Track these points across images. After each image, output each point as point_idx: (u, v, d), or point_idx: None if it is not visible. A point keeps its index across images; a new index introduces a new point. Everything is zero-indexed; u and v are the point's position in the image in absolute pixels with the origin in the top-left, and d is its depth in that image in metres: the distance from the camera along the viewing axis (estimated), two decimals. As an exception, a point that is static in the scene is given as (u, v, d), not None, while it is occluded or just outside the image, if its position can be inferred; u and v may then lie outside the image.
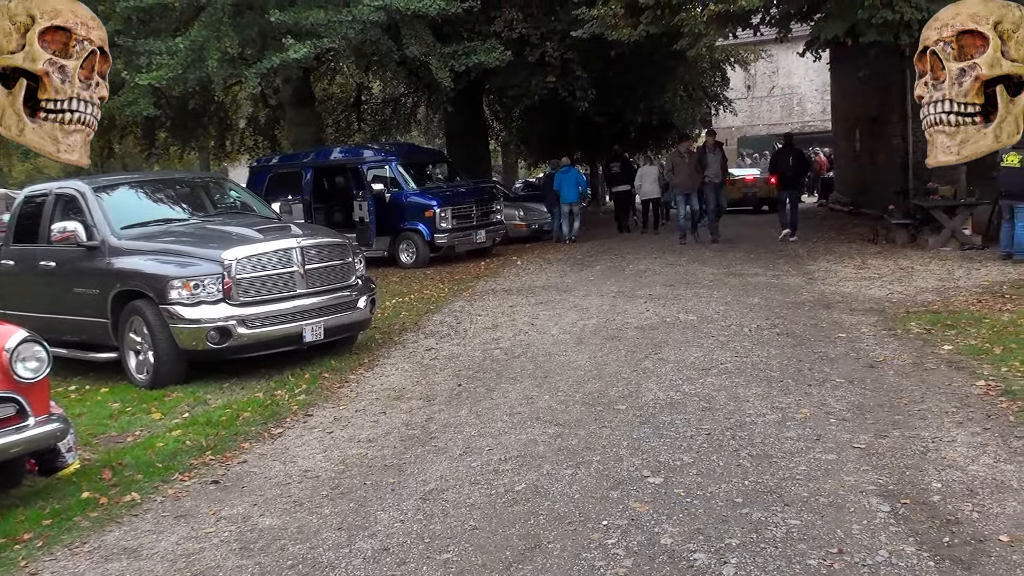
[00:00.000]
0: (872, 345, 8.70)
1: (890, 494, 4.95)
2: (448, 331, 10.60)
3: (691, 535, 4.56)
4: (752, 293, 11.98)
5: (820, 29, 15.50)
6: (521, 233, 21.00)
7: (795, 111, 42.71)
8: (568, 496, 5.23)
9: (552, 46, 19.55)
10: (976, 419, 6.24)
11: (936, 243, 15.67)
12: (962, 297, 11.07)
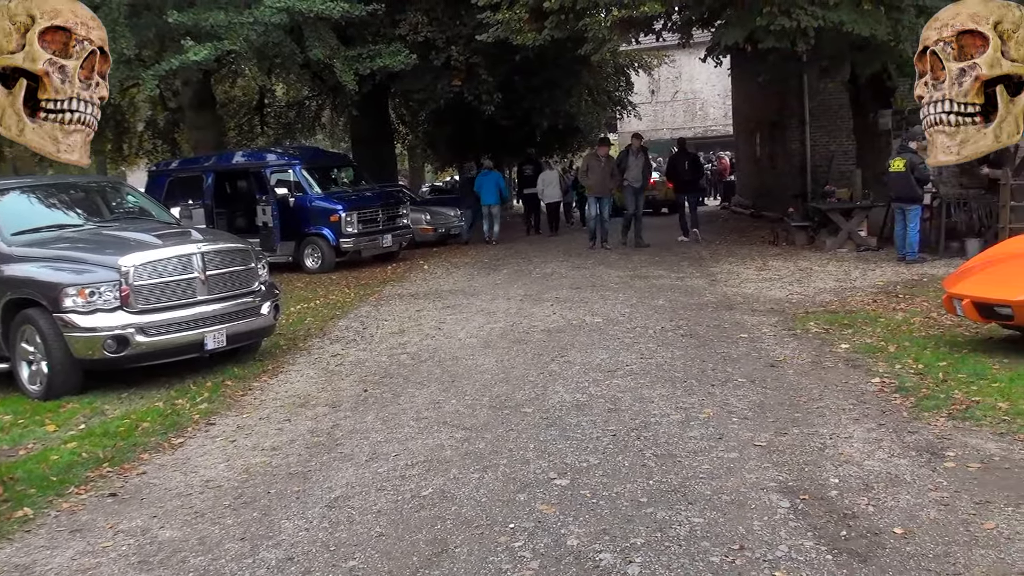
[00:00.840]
0: (773, 345, 8.89)
1: (790, 490, 5.06)
2: (354, 336, 10.50)
3: (597, 535, 4.59)
4: (657, 295, 12.14)
5: (720, 35, 15.79)
6: (428, 237, 20.94)
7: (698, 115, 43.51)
8: (475, 500, 5.22)
9: (457, 50, 19.56)
10: (872, 415, 6.42)
11: (833, 245, 16.10)
12: (858, 297, 11.39)
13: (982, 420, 6.15)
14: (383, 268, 17.28)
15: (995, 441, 5.73)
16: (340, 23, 17.53)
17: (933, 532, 4.41)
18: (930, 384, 7.15)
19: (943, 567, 4.04)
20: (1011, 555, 4.12)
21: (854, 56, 15.56)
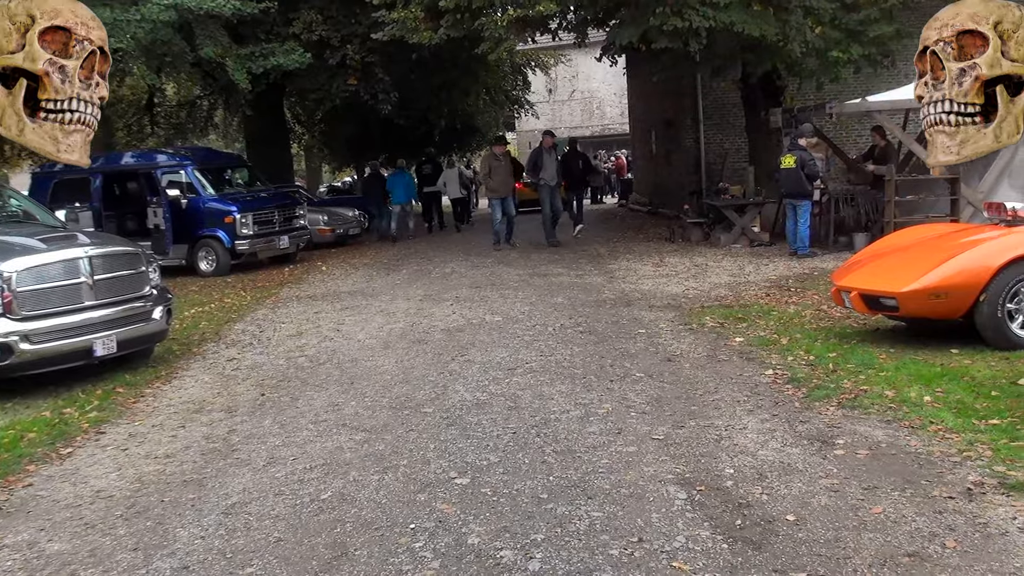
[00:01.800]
0: (670, 340, 9.02)
1: (687, 482, 5.14)
2: (251, 340, 10.31)
3: (498, 533, 4.59)
4: (556, 293, 12.22)
5: (615, 35, 15.97)
6: (326, 238, 20.70)
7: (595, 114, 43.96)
8: (375, 502, 5.17)
9: (353, 49, 19.38)
10: (765, 406, 6.57)
11: (728, 240, 16.44)
12: (752, 291, 11.65)
13: (870, 408, 6.35)
14: (280, 270, 17.02)
15: (882, 428, 5.91)
16: (232, 21, 17.21)
17: (824, 518, 4.52)
18: (821, 375, 7.35)
19: (833, 552, 4.14)
20: (897, 538, 4.25)
21: (745, 56, 15.90)
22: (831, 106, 15.77)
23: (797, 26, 14.74)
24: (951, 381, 6.87)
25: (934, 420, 5.95)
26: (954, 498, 4.67)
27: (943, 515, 4.47)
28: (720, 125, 21.22)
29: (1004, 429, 5.66)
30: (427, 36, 16.31)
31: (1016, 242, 8.03)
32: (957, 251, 8.14)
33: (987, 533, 4.24)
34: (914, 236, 9.45)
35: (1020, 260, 7.81)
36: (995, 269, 7.76)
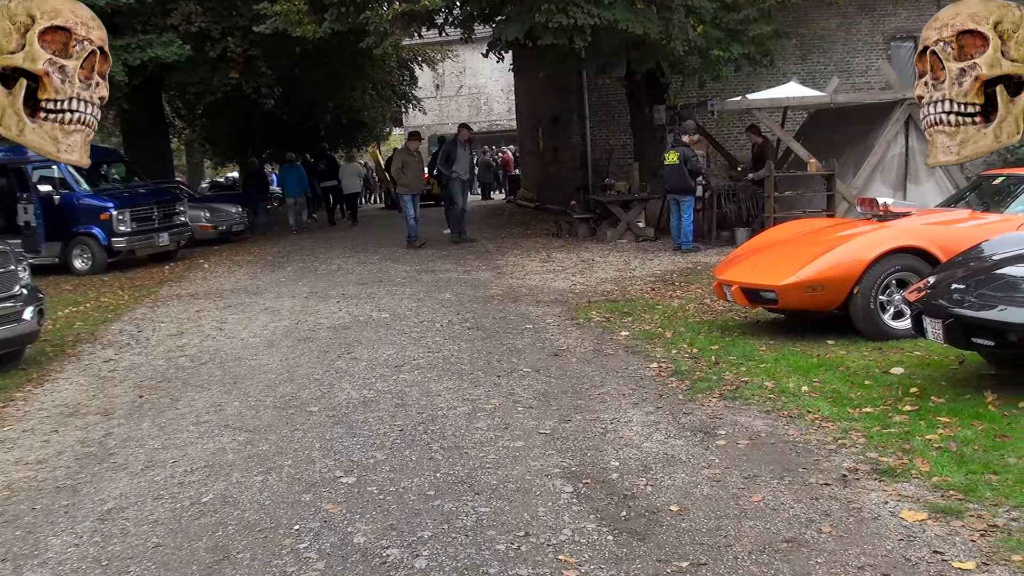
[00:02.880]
0: (557, 335, 9.08)
1: (573, 475, 5.17)
2: (129, 340, 9.99)
3: (384, 531, 4.54)
4: (444, 289, 12.19)
5: (501, 31, 15.99)
6: (208, 235, 20.19)
7: (483, 110, 44.00)
8: (259, 503, 5.06)
9: (234, 41, 18.95)
10: (650, 399, 6.66)
11: (614, 236, 16.64)
12: (638, 286, 11.82)
13: (750, 399, 6.50)
14: (160, 268, 16.55)
15: (762, 418, 6.06)
16: (106, 11, 16.61)
17: (706, 507, 4.61)
18: (703, 367, 7.49)
19: (715, 540, 4.22)
20: (776, 524, 4.35)
21: (629, 53, 16.11)
22: (713, 103, 16.10)
23: (679, 25, 15.01)
24: (827, 371, 7.08)
25: (811, 409, 6.12)
26: (830, 484, 4.81)
27: (819, 501, 4.60)
28: (606, 122, 21.46)
29: (877, 417, 5.86)
30: (310, 30, 16.05)
31: (887, 236, 8.32)
32: (832, 245, 8.40)
33: (860, 517, 4.38)
34: (792, 231, 9.72)
35: (891, 254, 8.09)
36: (868, 262, 8.03)
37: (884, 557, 3.96)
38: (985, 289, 6.22)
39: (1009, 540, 4.02)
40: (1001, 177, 10.22)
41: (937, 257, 7.90)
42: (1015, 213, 8.81)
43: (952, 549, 3.98)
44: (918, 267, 7.98)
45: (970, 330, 6.04)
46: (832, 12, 20.37)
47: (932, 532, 4.17)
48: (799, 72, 20.25)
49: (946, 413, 5.82)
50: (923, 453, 5.15)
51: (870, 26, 21.59)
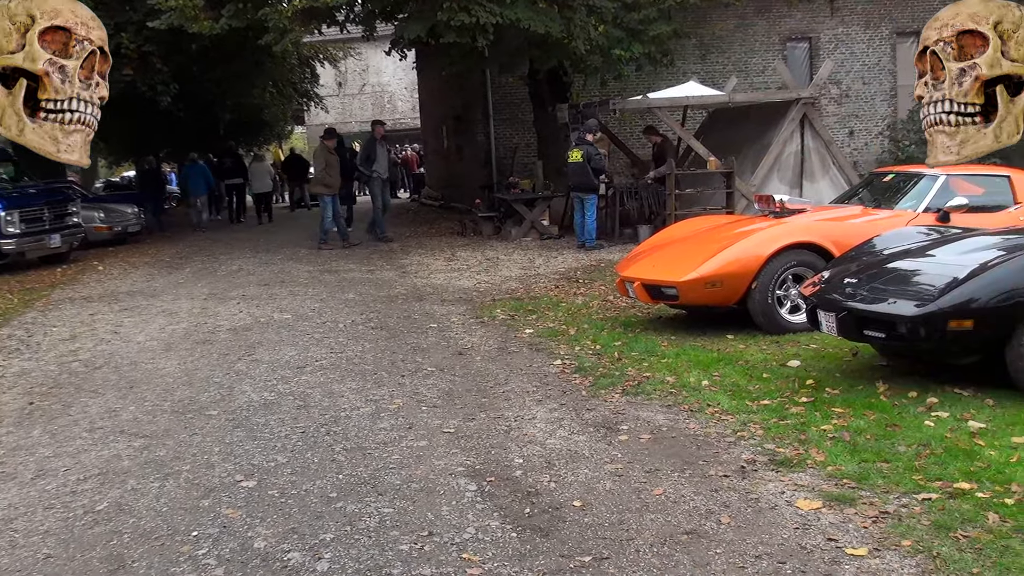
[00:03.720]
0: (461, 333, 9.07)
1: (477, 474, 5.16)
2: (18, 345, 9.64)
3: (285, 535, 4.47)
4: (347, 289, 12.07)
5: (403, 29, 15.92)
6: (103, 236, 19.60)
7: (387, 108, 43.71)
8: (155, 510, 4.93)
9: (128, 37, 18.43)
10: (553, 396, 6.69)
11: (518, 234, 16.70)
12: (542, 284, 11.88)
13: (652, 394, 6.58)
14: (52, 271, 15.99)
15: (663, 413, 6.14)
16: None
17: (609, 502, 4.64)
18: (606, 363, 7.56)
19: (617, 534, 4.25)
20: (677, 517, 4.41)
21: (532, 52, 16.19)
22: (614, 103, 16.29)
23: (581, 24, 15.15)
24: (727, 365, 7.21)
25: (711, 403, 6.23)
26: (729, 476, 4.90)
27: (719, 493, 4.68)
28: (510, 120, 21.52)
29: (774, 409, 5.98)
30: (207, 26, 15.72)
31: (783, 232, 8.52)
32: (731, 242, 8.56)
33: (758, 508, 4.46)
34: (692, 228, 9.89)
35: (787, 249, 8.30)
36: (765, 258, 8.21)
37: (780, 546, 4.04)
38: (876, 283, 6.41)
39: (899, 526, 4.14)
40: (891, 175, 10.57)
41: (831, 252, 8.12)
42: (904, 209, 9.12)
43: (845, 536, 4.09)
44: (813, 262, 8.20)
45: (862, 323, 6.22)
46: (730, 13, 20.78)
47: (826, 520, 4.27)
48: (699, 72, 20.61)
49: (840, 404, 5.98)
50: (818, 443, 5.28)
51: (766, 27, 22.08)
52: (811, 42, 22.27)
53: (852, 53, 22.31)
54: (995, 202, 9.26)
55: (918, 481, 4.63)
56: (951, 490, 4.49)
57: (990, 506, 4.27)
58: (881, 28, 22.38)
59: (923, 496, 4.44)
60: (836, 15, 22.19)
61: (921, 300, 5.90)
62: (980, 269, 5.91)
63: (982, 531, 4.02)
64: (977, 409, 5.69)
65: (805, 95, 15.53)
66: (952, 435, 5.25)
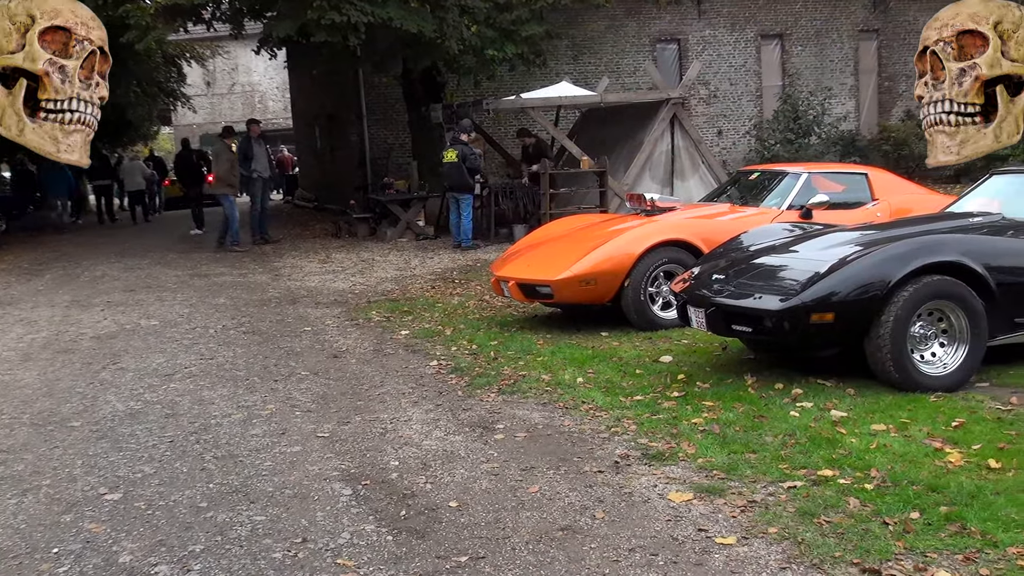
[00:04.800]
0: (336, 336, 8.95)
1: (352, 477, 5.09)
2: None
3: (152, 548, 4.32)
4: (218, 293, 11.78)
5: (272, 27, 15.64)
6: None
7: (258, 108, 42.90)
8: (13, 528, 4.70)
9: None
10: (429, 397, 6.66)
11: (394, 235, 16.59)
12: (418, 285, 11.83)
13: (528, 392, 6.61)
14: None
15: (539, 411, 6.17)
16: None
17: (485, 501, 4.64)
18: (483, 363, 7.57)
19: (494, 533, 4.25)
20: (552, 514, 4.43)
21: (405, 52, 16.10)
22: (488, 102, 16.34)
23: (454, 24, 15.14)
24: (601, 362, 7.30)
25: (586, 400, 6.29)
26: (603, 472, 4.95)
27: (593, 488, 4.72)
28: (384, 120, 21.35)
29: (647, 404, 6.08)
30: (66, 22, 15.13)
31: (654, 230, 8.68)
32: (603, 240, 8.68)
33: (631, 501, 4.53)
34: (566, 226, 9.99)
35: (658, 247, 8.45)
36: (637, 256, 8.35)
37: (653, 538, 4.10)
38: (743, 279, 6.58)
39: (766, 514, 4.25)
40: (756, 173, 10.87)
41: (701, 249, 8.30)
42: (769, 207, 9.38)
43: (715, 526, 4.18)
44: (683, 259, 8.37)
45: (730, 318, 6.38)
46: (601, 15, 21.07)
47: (697, 511, 4.35)
48: (571, 72, 20.84)
49: (710, 397, 6.12)
50: (689, 436, 5.38)
51: (637, 29, 22.47)
52: (680, 44, 22.77)
53: (719, 55, 22.89)
54: (854, 199, 9.60)
55: (784, 470, 4.77)
56: (815, 477, 4.63)
57: (851, 491, 4.43)
58: (746, 30, 23.03)
59: (789, 484, 4.57)
60: (703, 17, 22.73)
61: (785, 295, 6.07)
62: (839, 264, 6.12)
63: (844, 516, 4.17)
64: (839, 399, 5.90)
65: (674, 95, 15.86)
66: (816, 424, 5.43)
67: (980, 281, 6.05)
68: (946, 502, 4.22)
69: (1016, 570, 3.60)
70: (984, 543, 3.82)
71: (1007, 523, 3.97)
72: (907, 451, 4.92)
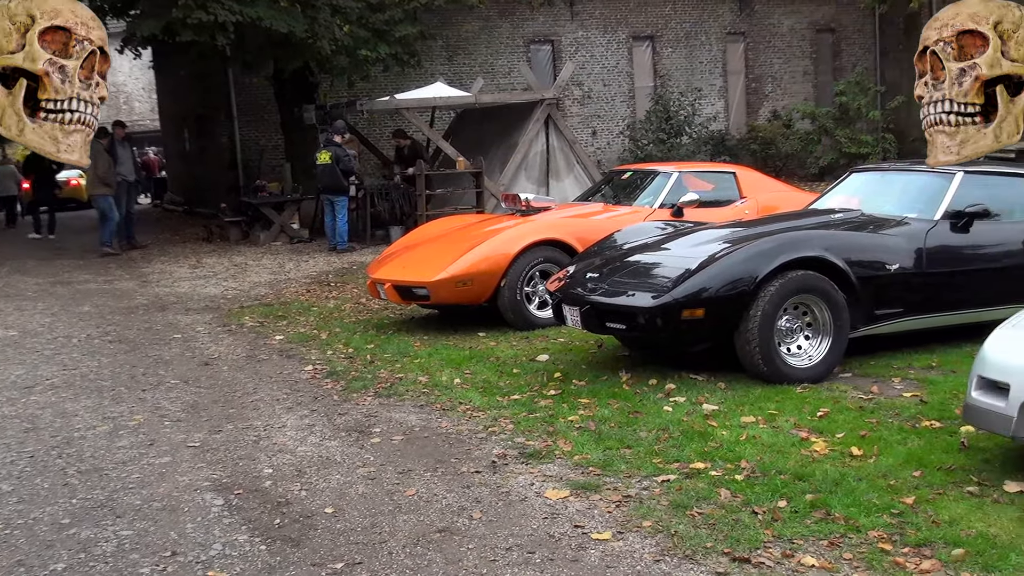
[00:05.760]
0: (207, 343, 8.73)
1: (224, 487, 4.96)
2: None
3: (11, 569, 4.12)
4: (82, 301, 11.35)
5: (135, 26, 15.17)
6: None
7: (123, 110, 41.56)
8: None
9: None
10: (304, 402, 6.55)
11: (268, 238, 16.30)
12: (293, 288, 11.64)
13: (405, 395, 6.56)
14: None
15: (416, 413, 6.13)
16: None
17: (361, 506, 4.57)
18: (359, 366, 7.49)
19: (370, 538, 4.20)
20: (430, 516, 4.40)
21: (276, 52, 15.82)
22: (362, 103, 16.20)
23: (326, 24, 14.96)
24: (478, 362, 7.31)
25: (463, 401, 6.28)
26: (480, 472, 4.94)
27: (471, 489, 4.71)
28: (255, 122, 20.91)
29: (524, 403, 6.11)
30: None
31: (530, 230, 8.73)
32: (479, 240, 8.68)
33: (509, 501, 4.53)
34: (442, 227, 9.95)
35: (534, 247, 8.50)
36: (512, 256, 8.38)
37: (530, 536, 4.11)
38: (616, 277, 6.67)
39: (641, 508, 4.31)
40: (629, 172, 11.04)
41: (575, 248, 8.38)
42: (642, 205, 9.54)
43: (591, 522, 4.21)
44: (559, 258, 8.43)
45: (604, 316, 6.45)
46: (474, 15, 21.12)
47: (574, 508, 4.38)
48: (446, 73, 20.81)
49: (586, 395, 6.18)
50: (566, 434, 5.42)
51: (511, 30, 22.57)
52: (554, 45, 22.97)
53: (592, 56, 23.18)
54: (723, 197, 9.84)
55: (658, 464, 4.85)
56: (687, 470, 4.72)
57: (722, 483, 4.53)
58: (618, 32, 23.38)
59: (662, 478, 4.65)
60: (576, 19, 22.98)
61: (657, 292, 6.17)
62: (709, 261, 6.26)
63: (715, 507, 4.26)
64: (711, 393, 6.03)
65: (548, 96, 15.99)
66: (688, 418, 5.54)
67: (842, 275, 6.27)
68: (812, 490, 4.36)
69: (877, 553, 3.74)
70: (847, 528, 3.96)
71: (868, 508, 4.13)
72: (775, 442, 5.06)
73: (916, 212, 7.04)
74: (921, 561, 3.65)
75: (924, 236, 6.71)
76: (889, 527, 3.95)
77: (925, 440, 4.99)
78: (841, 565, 3.67)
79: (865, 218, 7.11)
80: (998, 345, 4.52)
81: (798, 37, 24.83)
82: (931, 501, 4.18)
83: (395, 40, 16.82)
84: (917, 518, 4.02)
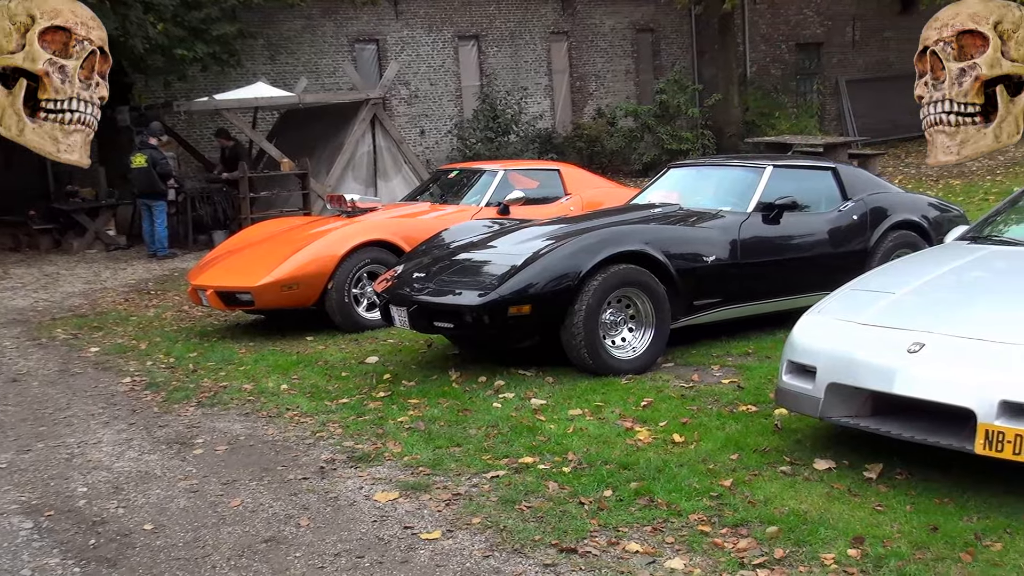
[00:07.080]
0: (16, 358, 8.25)
1: (34, 509, 4.69)
2: None
3: None
4: None
5: None
6: None
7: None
8: None
9: None
10: (122, 416, 6.28)
11: (81, 246, 15.57)
12: (110, 298, 11.17)
13: (229, 404, 6.38)
14: None
15: (241, 421, 5.96)
16: None
17: (183, 520, 4.41)
18: (181, 376, 7.24)
19: (192, 552, 4.05)
20: (255, 526, 4.28)
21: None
22: (179, 104, 15.67)
23: (138, 22, 14.39)
24: (306, 367, 7.18)
25: (290, 407, 6.15)
26: (308, 478, 4.85)
27: (298, 496, 4.61)
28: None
29: (353, 407, 6.03)
30: None
31: (356, 231, 8.63)
32: (305, 243, 8.52)
33: (337, 506, 4.46)
34: (267, 230, 9.73)
35: (361, 248, 8.41)
36: (339, 257, 8.27)
37: (359, 540, 4.05)
38: (443, 276, 6.66)
39: (470, 505, 4.32)
40: (455, 171, 11.06)
41: (403, 248, 8.34)
42: (469, 204, 9.57)
43: (421, 522, 4.19)
44: (386, 259, 8.37)
45: (432, 315, 6.44)
46: (296, 14, 20.70)
47: (403, 509, 4.35)
48: (269, 72, 20.34)
49: (416, 395, 6.16)
50: (395, 435, 5.38)
51: (335, 29, 22.26)
52: (379, 44, 22.77)
53: (418, 55, 23.11)
54: (549, 194, 9.97)
55: (487, 460, 4.87)
56: (516, 465, 4.76)
57: (550, 476, 4.58)
58: (443, 31, 23.40)
59: (492, 474, 4.67)
60: (401, 18, 22.86)
61: (483, 290, 6.20)
62: (534, 257, 6.33)
63: (543, 500, 4.30)
64: (539, 388, 6.11)
65: (374, 96, 15.87)
66: (517, 414, 5.58)
67: (662, 268, 6.45)
68: (636, 478, 4.46)
69: (697, 535, 3.86)
70: (669, 513, 4.07)
71: (689, 492, 4.26)
72: (601, 433, 5.16)
73: (730, 205, 7.31)
74: (738, 540, 3.79)
75: (738, 228, 6.97)
76: (708, 510, 4.09)
77: (742, 424, 5.18)
78: (664, 549, 3.77)
79: (684, 212, 7.33)
80: (805, 330, 4.74)
81: (619, 37, 25.42)
82: (747, 483, 4.35)
83: (213, 39, 16.34)
84: (734, 499, 4.17)
